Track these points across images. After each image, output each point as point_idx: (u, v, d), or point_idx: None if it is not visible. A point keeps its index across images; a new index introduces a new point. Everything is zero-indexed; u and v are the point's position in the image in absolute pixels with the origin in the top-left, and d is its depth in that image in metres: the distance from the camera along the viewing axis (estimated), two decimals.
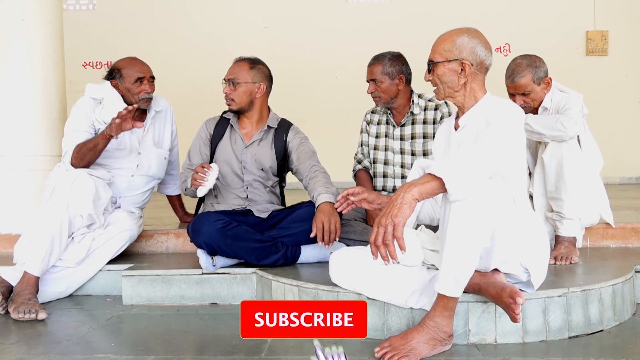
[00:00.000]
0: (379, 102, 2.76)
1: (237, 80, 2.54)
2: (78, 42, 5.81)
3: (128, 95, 2.66)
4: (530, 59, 2.52)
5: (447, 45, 1.88)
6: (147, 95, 2.67)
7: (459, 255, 1.62)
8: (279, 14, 6.53)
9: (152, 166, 2.75)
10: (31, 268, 2.29)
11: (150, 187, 2.81)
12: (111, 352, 1.81)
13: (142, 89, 2.65)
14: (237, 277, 2.36)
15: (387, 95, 2.70)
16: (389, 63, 2.68)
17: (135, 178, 2.71)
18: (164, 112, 2.84)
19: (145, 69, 2.69)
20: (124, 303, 2.39)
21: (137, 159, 2.71)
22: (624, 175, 6.31)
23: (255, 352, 1.78)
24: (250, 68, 2.56)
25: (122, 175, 2.67)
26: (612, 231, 2.75)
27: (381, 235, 1.60)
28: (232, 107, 2.58)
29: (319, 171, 2.51)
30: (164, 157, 2.81)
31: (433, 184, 1.62)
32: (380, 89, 2.69)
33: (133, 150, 2.70)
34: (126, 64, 2.68)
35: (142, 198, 2.78)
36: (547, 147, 2.45)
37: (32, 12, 3.00)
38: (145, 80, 2.66)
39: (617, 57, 6.42)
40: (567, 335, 1.87)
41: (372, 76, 2.71)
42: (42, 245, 2.30)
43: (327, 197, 2.34)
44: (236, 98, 2.55)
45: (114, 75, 2.67)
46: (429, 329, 1.70)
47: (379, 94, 2.71)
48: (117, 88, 2.66)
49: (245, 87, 2.55)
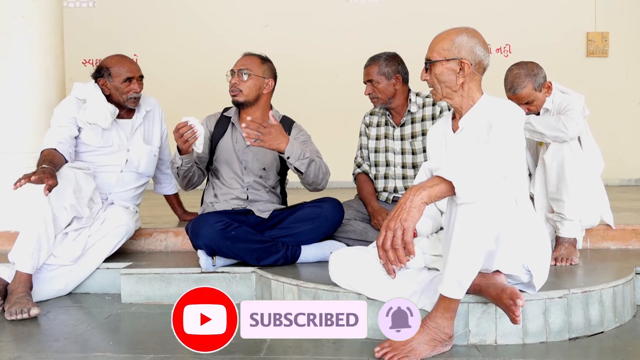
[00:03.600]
0: (377, 103, 2.75)
1: (248, 71, 2.50)
2: (78, 39, 5.80)
3: (116, 94, 2.64)
4: (527, 68, 2.50)
5: (445, 44, 1.86)
6: (136, 95, 2.65)
7: (464, 258, 1.61)
8: (279, 12, 6.52)
9: (142, 163, 2.73)
10: (21, 266, 2.28)
11: (140, 184, 2.78)
12: (109, 351, 1.81)
13: (131, 88, 2.63)
14: (237, 276, 2.35)
15: (385, 96, 2.69)
16: (384, 63, 2.67)
17: (125, 174, 2.69)
18: (154, 111, 2.83)
19: (135, 69, 2.66)
20: (123, 301, 2.38)
21: (126, 155, 2.69)
22: (623, 177, 6.31)
23: (254, 351, 1.77)
24: (261, 63, 2.54)
25: (110, 172, 2.65)
26: (612, 233, 2.75)
27: (390, 239, 1.58)
28: (238, 99, 2.51)
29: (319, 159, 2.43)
30: (153, 154, 2.78)
31: (442, 187, 1.60)
32: (378, 89, 2.68)
33: (122, 147, 2.68)
34: (115, 63, 2.65)
35: (134, 194, 2.75)
36: (548, 148, 2.45)
37: (32, 8, 2.99)
38: (135, 79, 2.64)
39: (617, 58, 6.42)
40: (567, 337, 1.87)
41: (368, 77, 2.70)
42: (29, 242, 2.29)
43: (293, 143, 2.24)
44: (245, 89, 2.50)
45: (102, 73, 2.64)
46: (429, 330, 1.69)
47: (377, 94, 2.69)
48: (105, 86, 2.63)
49: (256, 80, 2.51)
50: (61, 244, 2.42)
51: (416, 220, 1.58)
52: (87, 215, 2.47)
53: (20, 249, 2.30)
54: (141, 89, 2.68)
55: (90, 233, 2.50)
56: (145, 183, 2.83)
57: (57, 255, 2.40)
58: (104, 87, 2.64)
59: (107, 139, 2.63)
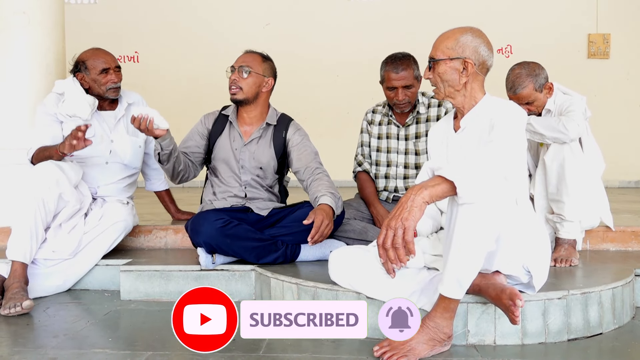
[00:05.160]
0: (405, 109, 2.64)
1: (250, 69, 2.49)
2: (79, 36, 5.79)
3: (95, 87, 2.64)
4: (529, 68, 2.50)
5: (450, 43, 1.85)
6: (115, 85, 2.65)
7: (465, 259, 1.61)
8: (281, 11, 6.52)
9: (127, 154, 2.71)
10: (15, 254, 2.28)
11: (127, 175, 2.74)
12: (108, 347, 1.80)
13: (108, 79, 2.63)
14: (236, 274, 2.35)
15: (414, 100, 2.62)
16: (415, 67, 2.58)
17: (110, 165, 2.68)
18: (137, 104, 2.80)
19: (110, 59, 2.66)
20: (122, 298, 2.38)
21: (110, 146, 2.68)
22: (623, 178, 6.31)
23: (253, 349, 1.77)
24: (262, 61, 2.54)
25: (95, 164, 2.65)
26: (612, 234, 2.75)
27: (390, 238, 1.58)
28: (237, 97, 2.51)
29: (322, 174, 2.47)
30: (138, 145, 2.76)
31: (444, 187, 1.59)
32: (411, 94, 2.58)
33: (104, 138, 2.67)
34: (90, 56, 2.65)
35: (123, 186, 2.72)
36: (548, 149, 2.44)
37: (33, 5, 2.99)
38: (111, 70, 2.63)
39: (618, 60, 6.42)
40: (567, 338, 1.87)
41: (406, 82, 2.56)
42: (21, 230, 2.30)
43: (329, 201, 2.30)
44: (245, 87, 2.50)
45: (79, 68, 2.64)
46: (429, 330, 1.69)
47: (409, 99, 2.60)
48: (84, 80, 2.63)
49: (256, 77, 2.51)
50: (55, 238, 2.41)
51: (417, 220, 1.57)
52: (75, 200, 2.44)
53: (13, 239, 2.31)
54: (119, 79, 2.67)
55: (87, 229, 2.50)
56: (133, 175, 2.79)
57: (55, 249, 2.40)
58: (83, 81, 2.64)
59: (89, 130, 2.63)
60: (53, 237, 2.41)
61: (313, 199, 2.39)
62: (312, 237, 2.19)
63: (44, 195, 2.33)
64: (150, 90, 5.49)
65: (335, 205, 2.31)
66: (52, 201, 2.36)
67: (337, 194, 2.37)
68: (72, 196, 2.43)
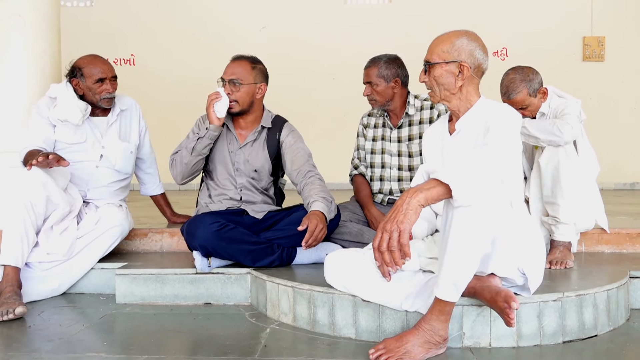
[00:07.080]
0: (374, 105, 2.75)
1: (240, 81, 2.48)
2: (75, 38, 5.79)
3: (89, 95, 2.63)
4: (523, 73, 2.51)
5: (445, 47, 1.86)
6: (109, 95, 2.64)
7: (460, 261, 1.61)
8: (277, 13, 6.53)
9: (118, 160, 2.70)
10: (7, 258, 2.27)
11: (117, 180, 2.73)
12: (103, 351, 1.80)
13: (103, 88, 2.62)
14: (232, 277, 2.35)
15: (383, 98, 2.70)
16: (384, 66, 2.67)
17: (101, 169, 2.67)
18: (130, 110, 2.81)
19: (107, 69, 2.65)
20: (117, 302, 2.37)
21: (101, 151, 2.67)
22: (618, 181, 6.34)
23: (249, 352, 1.77)
24: (252, 68, 2.52)
25: (85, 168, 2.64)
26: (606, 236, 2.76)
27: (386, 241, 1.58)
28: (234, 110, 2.50)
29: (315, 177, 2.48)
30: (130, 150, 2.76)
31: (439, 190, 1.59)
32: (376, 91, 2.68)
33: (95, 143, 2.66)
34: (87, 63, 2.64)
35: (112, 189, 2.71)
36: (543, 152, 2.45)
37: (28, 7, 2.98)
38: (107, 80, 2.63)
39: (613, 63, 6.45)
40: (562, 340, 1.87)
41: (368, 79, 2.70)
42: (14, 232, 2.29)
43: (322, 207, 2.30)
44: (239, 99, 2.49)
45: (75, 73, 2.63)
46: (424, 332, 1.69)
47: (375, 96, 2.70)
48: (78, 86, 2.63)
49: (248, 88, 2.50)
50: (48, 240, 2.41)
51: (413, 223, 1.57)
52: (64, 202, 2.43)
53: (3, 243, 2.30)
54: (114, 89, 2.67)
55: (83, 233, 2.50)
56: (124, 180, 2.78)
57: (49, 251, 2.40)
58: (77, 87, 2.63)
59: (80, 135, 2.63)
60: (45, 239, 2.40)
61: (306, 204, 2.40)
62: (307, 242, 2.20)
63: (31, 199, 2.33)
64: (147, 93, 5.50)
65: (328, 210, 2.32)
66: (41, 204, 2.35)
67: (329, 198, 2.38)
68: (60, 199, 2.42)
